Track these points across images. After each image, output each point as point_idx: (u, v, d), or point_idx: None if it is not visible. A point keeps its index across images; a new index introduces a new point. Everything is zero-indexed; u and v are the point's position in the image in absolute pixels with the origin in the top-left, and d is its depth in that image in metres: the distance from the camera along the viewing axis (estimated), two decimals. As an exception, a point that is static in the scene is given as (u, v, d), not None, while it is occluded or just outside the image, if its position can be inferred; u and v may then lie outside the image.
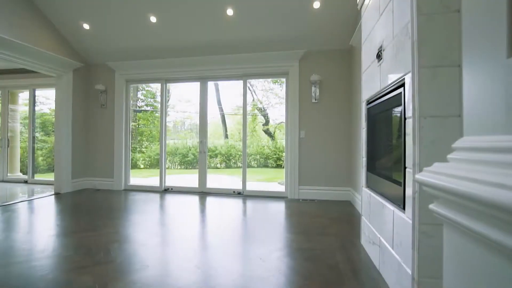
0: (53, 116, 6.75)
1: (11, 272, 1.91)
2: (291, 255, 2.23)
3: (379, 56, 2.00)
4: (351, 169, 4.15)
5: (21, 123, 6.31)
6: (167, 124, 5.16)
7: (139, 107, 8.21)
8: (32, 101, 5.81)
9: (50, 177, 5.87)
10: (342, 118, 4.24)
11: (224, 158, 8.63)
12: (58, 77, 4.68)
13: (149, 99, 8.59)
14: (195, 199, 4.33)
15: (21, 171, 6.24)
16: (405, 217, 1.49)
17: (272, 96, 8.89)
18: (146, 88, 8.20)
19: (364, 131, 2.47)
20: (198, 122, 4.90)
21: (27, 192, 4.79)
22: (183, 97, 8.99)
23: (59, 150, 4.71)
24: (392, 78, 1.71)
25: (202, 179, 4.81)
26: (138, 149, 8.26)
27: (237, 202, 4.09)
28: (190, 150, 8.54)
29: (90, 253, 2.22)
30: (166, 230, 2.87)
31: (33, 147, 5.81)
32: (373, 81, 2.18)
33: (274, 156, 8.36)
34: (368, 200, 2.31)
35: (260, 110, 9.08)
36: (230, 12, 3.79)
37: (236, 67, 4.53)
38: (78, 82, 4.98)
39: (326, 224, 3.05)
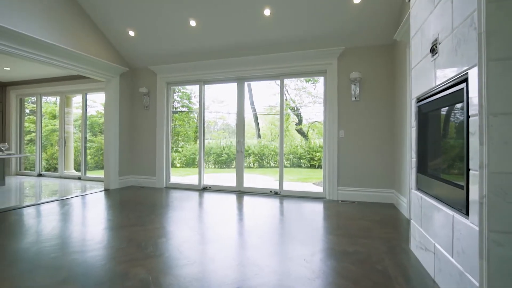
0: (99, 118, 7.32)
1: (76, 259, 2.09)
2: (335, 257, 2.17)
3: (433, 50, 1.87)
4: (394, 170, 3.94)
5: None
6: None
7: (175, 108, 8.56)
8: (84, 105, 6.34)
9: (98, 174, 6.36)
10: (385, 117, 4.04)
11: (257, 157, 8.67)
12: (107, 81, 5.05)
13: (185, 100, 8.91)
14: (233, 198, 4.41)
15: (73, 168, 6.85)
16: (469, 223, 1.38)
17: (305, 95, 8.74)
18: (182, 90, 8.52)
19: (414, 130, 2.33)
20: (230, 122, 5.00)
21: (80, 188, 5.23)
22: (217, 98, 9.19)
23: (108, 149, 5.08)
24: (452, 73, 1.59)
25: (240, 178, 4.88)
26: (174, 148, 8.61)
27: (274, 202, 4.09)
28: (224, 149, 8.71)
29: (141, 247, 2.37)
30: (208, 228, 2.96)
31: (85, 147, 6.34)
32: (425, 77, 2.05)
33: (308, 156, 8.22)
34: (419, 203, 2.18)
35: (293, 109, 8.98)
36: (267, 12, 3.80)
37: (273, 67, 4.53)
38: (124, 86, 5.34)
39: (369, 226, 2.93)
